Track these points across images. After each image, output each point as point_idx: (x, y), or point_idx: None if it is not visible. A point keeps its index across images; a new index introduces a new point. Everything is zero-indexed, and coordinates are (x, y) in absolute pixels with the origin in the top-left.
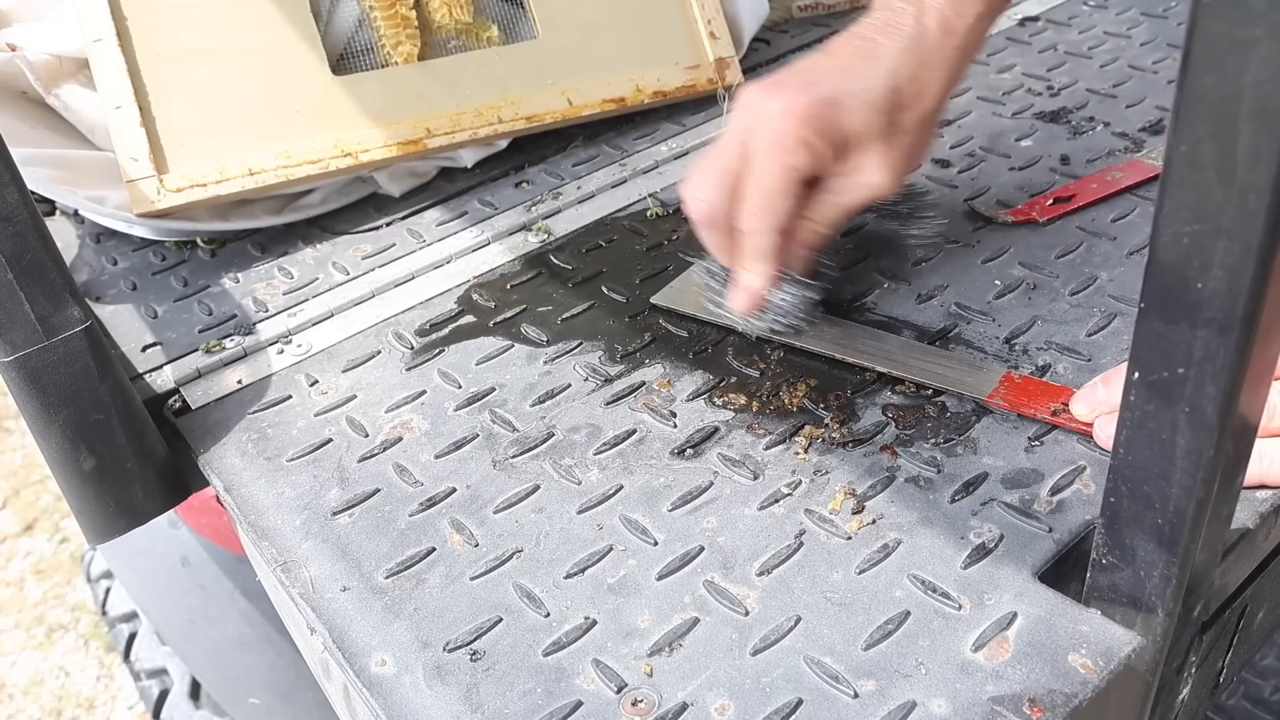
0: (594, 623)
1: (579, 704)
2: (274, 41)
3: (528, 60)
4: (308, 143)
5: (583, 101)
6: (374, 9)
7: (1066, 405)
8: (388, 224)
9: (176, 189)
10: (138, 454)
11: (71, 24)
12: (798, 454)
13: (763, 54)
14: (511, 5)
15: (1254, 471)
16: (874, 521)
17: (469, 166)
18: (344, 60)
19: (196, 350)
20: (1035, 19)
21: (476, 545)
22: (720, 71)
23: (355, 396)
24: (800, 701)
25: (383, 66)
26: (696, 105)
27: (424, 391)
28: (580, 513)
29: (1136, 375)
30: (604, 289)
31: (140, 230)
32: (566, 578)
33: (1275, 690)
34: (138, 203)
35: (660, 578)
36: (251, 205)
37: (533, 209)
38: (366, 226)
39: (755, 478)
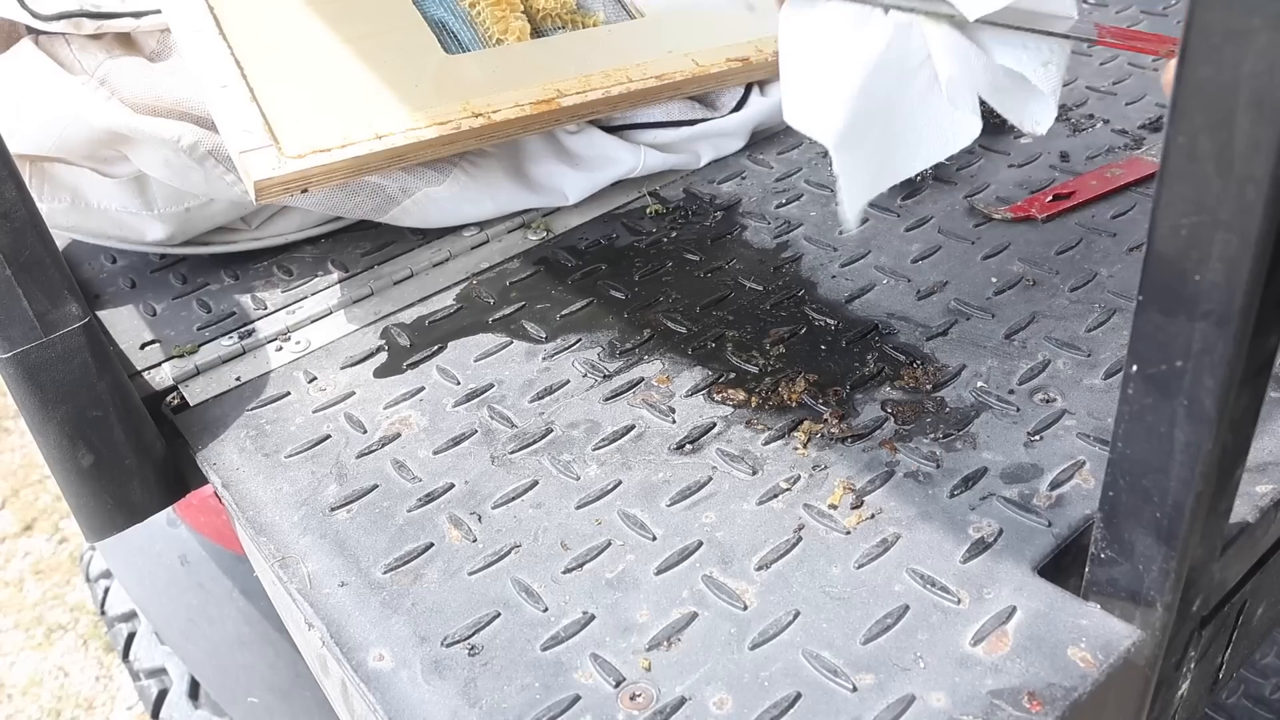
0: (592, 617)
1: (577, 698)
2: (380, 29)
3: (641, 34)
4: (435, 108)
5: (709, 62)
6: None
7: None
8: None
9: (298, 155)
10: (136, 451)
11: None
12: (797, 449)
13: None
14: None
15: None
16: (873, 516)
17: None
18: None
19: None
20: None
21: (475, 540)
22: None
23: (354, 393)
24: (799, 695)
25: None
26: None
27: (422, 388)
28: (579, 508)
29: (1135, 369)
30: (603, 286)
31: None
32: (565, 573)
33: (1276, 689)
34: (255, 171)
35: (659, 572)
36: (232, 232)
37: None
38: (366, 223)
39: (754, 473)
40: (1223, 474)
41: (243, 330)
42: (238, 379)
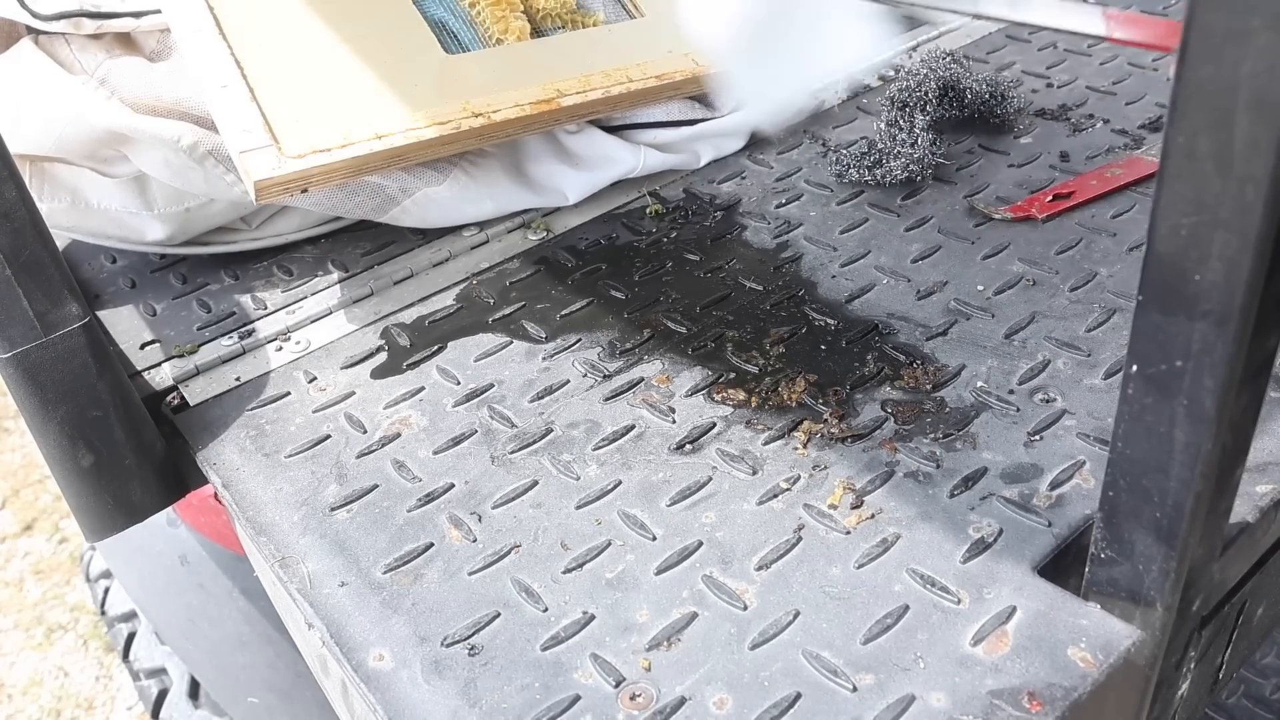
0: (592, 617)
1: (577, 698)
2: (380, 29)
3: (641, 34)
4: (434, 108)
5: (709, 61)
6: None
7: None
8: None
9: (298, 155)
10: (136, 451)
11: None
12: (797, 449)
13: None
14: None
15: None
16: (873, 516)
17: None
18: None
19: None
20: None
21: (475, 540)
22: None
23: (354, 393)
24: (799, 695)
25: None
26: None
27: (422, 388)
28: (579, 508)
29: (1135, 368)
30: (603, 285)
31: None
32: (565, 573)
33: (1276, 689)
34: (255, 171)
35: (659, 572)
36: (232, 232)
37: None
38: (366, 223)
39: (754, 473)
40: (1222, 474)
41: (243, 330)
42: (238, 379)
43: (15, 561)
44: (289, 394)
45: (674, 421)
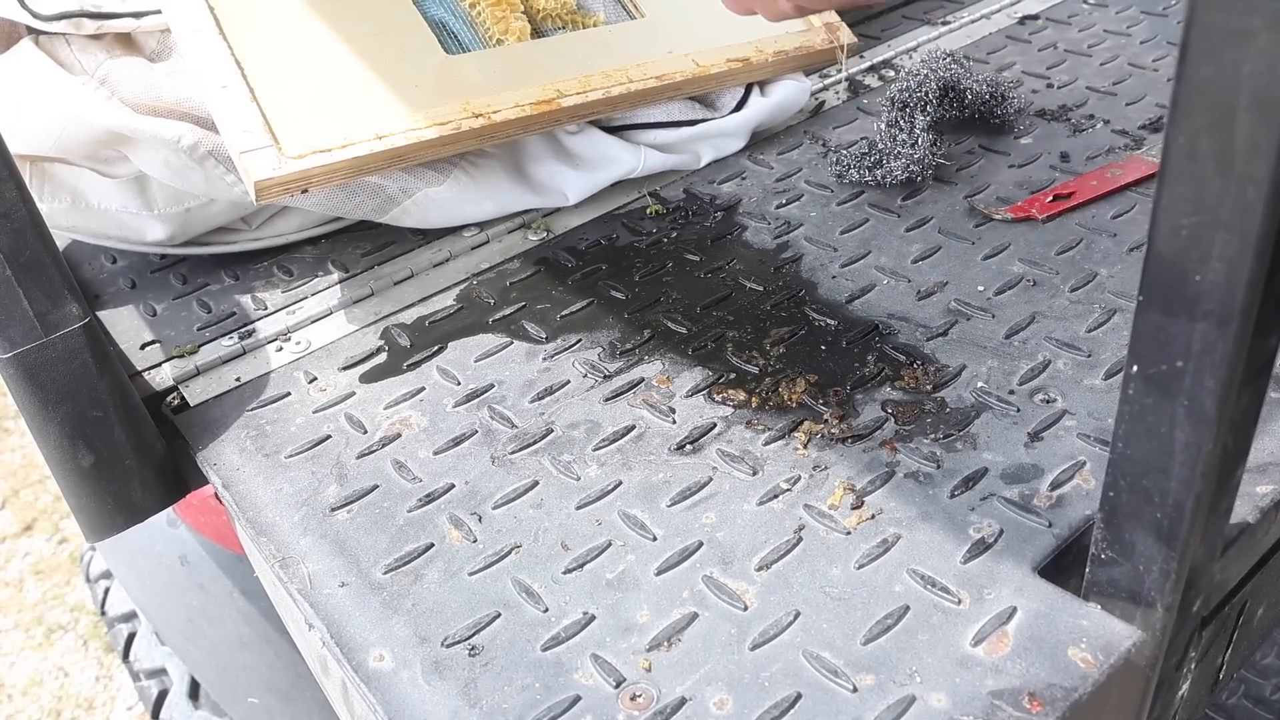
0: (592, 618)
1: (577, 699)
2: (380, 29)
3: (641, 34)
4: (435, 108)
5: (709, 62)
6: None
7: None
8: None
9: (298, 155)
10: (136, 451)
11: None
12: (797, 450)
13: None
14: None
15: None
16: (873, 517)
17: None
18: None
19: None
20: (1035, 17)
21: (475, 541)
22: (831, 33)
23: (354, 393)
24: (799, 696)
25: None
26: None
27: (423, 388)
28: (579, 508)
29: (1135, 369)
30: (603, 286)
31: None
32: (565, 573)
33: (1276, 689)
34: (255, 172)
35: (659, 573)
36: (232, 232)
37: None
38: (366, 223)
39: (754, 473)
40: (1223, 474)
41: (243, 330)
42: (238, 379)
43: (15, 561)
44: (289, 394)
45: (674, 422)
